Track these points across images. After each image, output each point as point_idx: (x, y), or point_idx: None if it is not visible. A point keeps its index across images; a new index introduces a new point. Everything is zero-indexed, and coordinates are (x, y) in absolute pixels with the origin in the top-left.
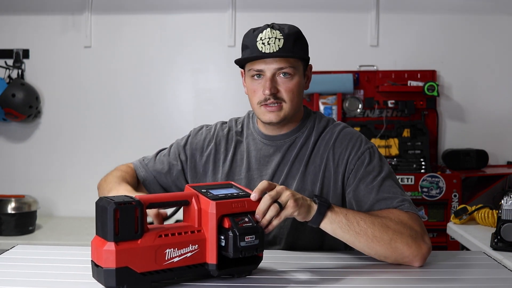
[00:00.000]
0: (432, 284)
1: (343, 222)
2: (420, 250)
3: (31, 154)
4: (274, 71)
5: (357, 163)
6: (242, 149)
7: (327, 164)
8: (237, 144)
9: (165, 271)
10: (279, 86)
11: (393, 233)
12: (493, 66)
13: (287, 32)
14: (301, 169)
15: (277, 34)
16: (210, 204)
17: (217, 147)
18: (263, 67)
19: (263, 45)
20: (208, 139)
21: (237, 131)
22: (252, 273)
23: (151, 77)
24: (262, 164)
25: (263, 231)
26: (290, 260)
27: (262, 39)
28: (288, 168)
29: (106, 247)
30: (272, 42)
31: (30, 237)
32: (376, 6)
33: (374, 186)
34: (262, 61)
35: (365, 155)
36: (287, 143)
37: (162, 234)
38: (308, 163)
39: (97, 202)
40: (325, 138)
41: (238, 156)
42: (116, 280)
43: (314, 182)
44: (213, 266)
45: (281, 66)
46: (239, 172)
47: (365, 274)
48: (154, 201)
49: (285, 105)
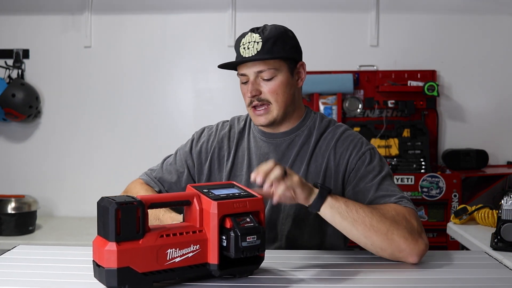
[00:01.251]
0: (432, 284)
1: (343, 208)
2: (417, 245)
3: (31, 154)
4: (255, 74)
5: (358, 163)
6: (243, 146)
7: (328, 163)
8: (239, 141)
9: (166, 271)
10: (262, 88)
11: (390, 224)
12: (493, 66)
13: (266, 34)
14: (303, 167)
15: (256, 38)
16: (212, 204)
17: (220, 145)
18: (245, 71)
19: (244, 50)
20: (211, 140)
21: (240, 129)
22: (254, 273)
23: (151, 77)
24: (262, 161)
25: (264, 231)
26: (291, 260)
27: (243, 43)
28: (289, 167)
29: (108, 247)
30: (251, 46)
31: (30, 237)
32: (376, 6)
33: (373, 184)
34: (244, 65)
35: (366, 155)
36: (286, 141)
37: (163, 234)
38: (310, 162)
39: (99, 202)
40: (326, 138)
41: (240, 153)
42: (118, 280)
43: (316, 180)
44: (214, 266)
45: (260, 69)
46: (240, 168)
47: (366, 274)
48: (155, 201)
49: (272, 106)
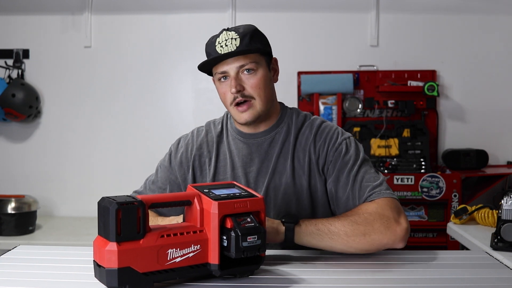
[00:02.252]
0: (432, 284)
1: (314, 233)
2: (396, 234)
3: (31, 154)
4: (237, 70)
5: (335, 155)
6: (224, 149)
7: (310, 158)
8: (218, 145)
9: (167, 271)
10: (244, 83)
11: (364, 226)
12: (493, 66)
13: (242, 31)
14: (288, 164)
15: (232, 35)
16: (212, 204)
17: (200, 152)
18: (226, 67)
19: (222, 48)
20: (189, 148)
21: (217, 133)
22: (254, 273)
23: (151, 77)
24: (245, 162)
25: (265, 231)
26: (292, 260)
27: (219, 42)
28: (273, 165)
29: (108, 247)
30: (229, 43)
31: (30, 237)
32: (376, 6)
33: (350, 178)
34: (224, 63)
35: (342, 146)
36: (267, 140)
37: (164, 234)
38: (294, 158)
39: (99, 202)
40: (305, 134)
41: (221, 156)
42: (118, 280)
43: (301, 175)
44: (215, 266)
45: (242, 63)
46: (224, 172)
47: (366, 274)
48: (156, 201)
49: (255, 101)
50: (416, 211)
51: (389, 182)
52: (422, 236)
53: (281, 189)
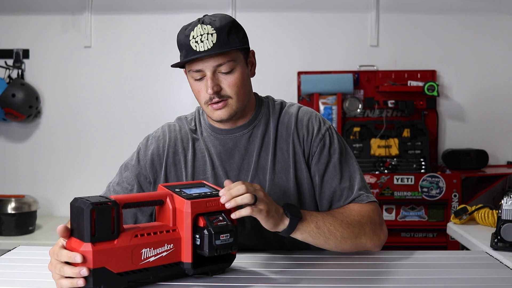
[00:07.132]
0: (432, 284)
1: (314, 231)
2: (379, 239)
3: (31, 154)
4: (213, 69)
5: (319, 146)
6: (201, 147)
7: (294, 148)
8: (194, 143)
9: (141, 270)
10: (222, 83)
11: (358, 230)
12: (493, 66)
13: (218, 25)
14: (269, 158)
15: (209, 29)
16: (185, 203)
17: (174, 149)
18: (201, 66)
19: (197, 44)
20: (161, 145)
21: (191, 129)
22: (226, 271)
23: (151, 77)
24: (225, 160)
25: (237, 229)
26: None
27: (194, 37)
28: (255, 161)
29: (83, 248)
30: (205, 38)
31: (30, 237)
32: (376, 6)
33: (337, 172)
34: (200, 60)
35: (326, 138)
36: (246, 135)
37: (138, 234)
38: (276, 151)
39: (72, 203)
40: (284, 122)
41: (199, 155)
42: (93, 281)
43: (286, 168)
44: (188, 265)
45: (219, 62)
46: (203, 171)
47: (367, 274)
48: (129, 201)
49: (231, 100)
50: (416, 211)
51: (389, 182)
52: (422, 236)
53: (266, 186)
